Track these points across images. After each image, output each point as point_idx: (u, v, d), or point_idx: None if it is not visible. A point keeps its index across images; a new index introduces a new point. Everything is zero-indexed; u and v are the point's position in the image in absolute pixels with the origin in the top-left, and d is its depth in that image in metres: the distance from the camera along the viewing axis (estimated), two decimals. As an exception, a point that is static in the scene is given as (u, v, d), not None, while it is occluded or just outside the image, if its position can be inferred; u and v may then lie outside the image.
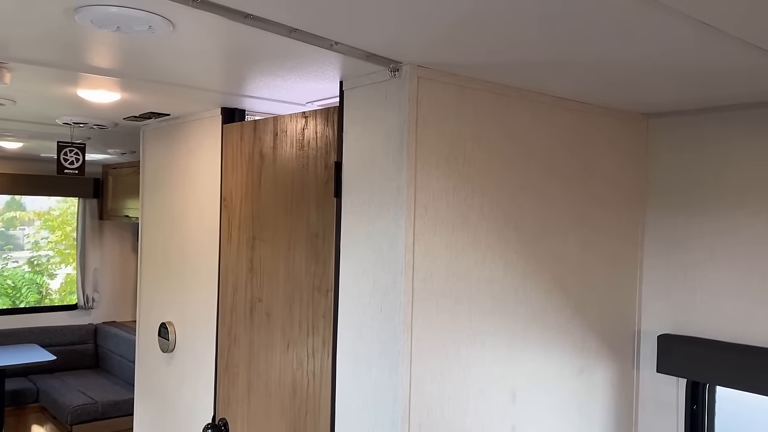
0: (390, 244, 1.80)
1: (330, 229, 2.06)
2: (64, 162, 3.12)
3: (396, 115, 1.78)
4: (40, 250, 8.20)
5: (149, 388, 3.15)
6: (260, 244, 2.39)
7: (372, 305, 1.86)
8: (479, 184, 1.93)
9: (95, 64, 1.98)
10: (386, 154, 1.82)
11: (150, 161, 3.19)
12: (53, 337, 5.58)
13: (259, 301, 2.38)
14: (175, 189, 2.94)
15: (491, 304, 1.99)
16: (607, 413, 2.41)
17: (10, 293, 7.62)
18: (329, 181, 2.06)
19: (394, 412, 1.78)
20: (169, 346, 2.88)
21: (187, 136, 2.84)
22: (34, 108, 2.77)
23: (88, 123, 3.07)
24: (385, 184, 1.82)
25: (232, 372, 2.50)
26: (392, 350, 1.79)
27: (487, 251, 1.96)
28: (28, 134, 3.65)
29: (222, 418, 2.54)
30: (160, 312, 3.02)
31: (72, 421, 4.60)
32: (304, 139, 2.18)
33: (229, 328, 2.53)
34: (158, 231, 3.10)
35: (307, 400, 2.14)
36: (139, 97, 2.50)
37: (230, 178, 2.55)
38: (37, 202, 8.03)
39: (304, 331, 2.17)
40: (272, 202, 2.33)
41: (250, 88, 2.25)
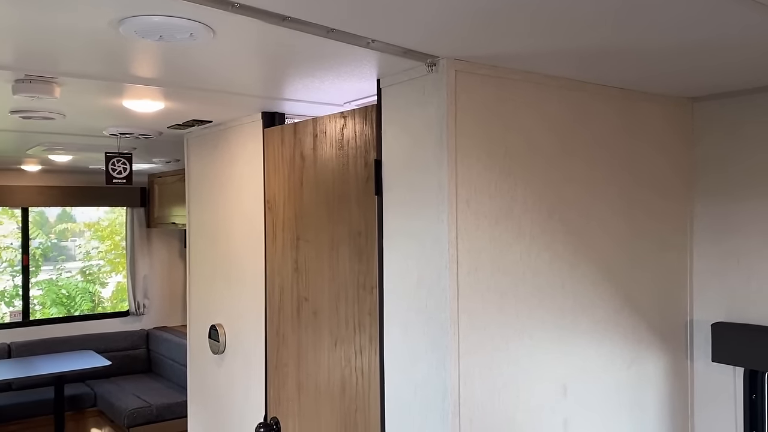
0: (433, 240, 1.81)
1: (372, 227, 2.07)
2: (113, 172, 3.21)
3: (434, 110, 1.79)
4: (92, 260, 8.45)
5: (202, 389, 3.22)
6: (304, 244, 2.42)
7: (417, 301, 1.87)
8: (521, 176, 1.92)
9: (139, 74, 2.04)
10: (426, 150, 1.82)
11: (195, 168, 3.26)
12: (107, 343, 5.76)
13: (306, 300, 2.41)
14: (220, 194, 3.00)
15: (538, 297, 1.97)
16: (661, 405, 2.36)
17: (65, 302, 7.87)
18: (369, 179, 2.07)
19: (444, 407, 1.78)
20: (219, 348, 2.94)
21: (230, 141, 2.90)
22: (82, 120, 2.86)
23: (134, 133, 3.15)
24: (425, 180, 1.83)
25: (281, 371, 2.54)
26: (439, 345, 1.79)
27: (531, 244, 1.95)
28: (77, 147, 3.77)
29: (273, 417, 2.58)
30: (209, 315, 3.09)
31: (129, 424, 4.73)
32: (344, 139, 2.19)
33: (277, 328, 2.57)
34: (205, 236, 3.16)
35: (357, 397, 2.16)
36: (182, 106, 2.56)
37: (273, 181, 2.58)
38: (87, 214, 8.27)
39: (350, 328, 2.19)
40: (314, 202, 2.36)
41: (288, 91, 2.28)
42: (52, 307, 7.72)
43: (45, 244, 8.04)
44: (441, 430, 1.78)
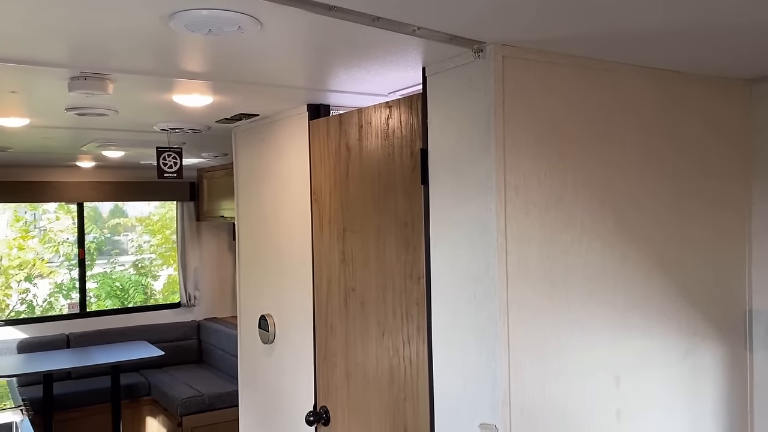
0: (481, 229, 1.79)
1: (419, 217, 2.06)
2: (164, 166, 3.29)
3: (481, 96, 1.76)
4: (143, 254, 8.70)
5: (252, 378, 3.27)
6: (351, 235, 2.43)
7: (465, 291, 1.86)
8: (571, 163, 1.88)
9: (189, 68, 2.08)
10: (473, 137, 1.80)
11: (242, 161, 3.31)
12: (160, 334, 5.91)
13: (353, 290, 2.42)
14: (268, 186, 3.03)
15: (589, 287, 1.94)
16: (719, 397, 2.29)
17: (119, 294, 8.12)
18: (416, 168, 2.06)
19: (494, 397, 1.76)
20: (269, 338, 2.99)
21: (276, 134, 2.93)
22: (133, 116, 2.94)
23: (183, 128, 3.22)
24: (473, 168, 1.81)
25: (330, 361, 2.57)
26: (489, 335, 1.78)
27: (582, 232, 1.91)
28: (128, 142, 3.88)
29: (323, 406, 2.61)
30: (259, 305, 3.14)
31: (182, 413, 4.86)
32: (389, 129, 2.19)
33: (325, 318, 2.59)
34: (254, 228, 3.21)
35: (405, 386, 2.16)
36: (229, 100, 2.60)
37: (319, 173, 2.60)
38: (138, 209, 8.51)
39: (398, 318, 2.19)
40: (360, 193, 2.37)
41: (334, 82, 2.29)
42: (106, 299, 7.98)
43: (99, 238, 8.31)
44: (491, 419, 1.77)
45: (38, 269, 7.67)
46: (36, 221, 7.97)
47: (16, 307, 7.50)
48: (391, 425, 2.23)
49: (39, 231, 7.88)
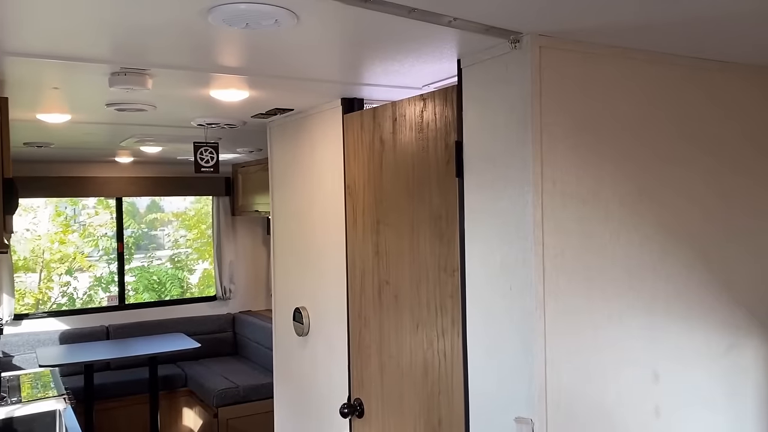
0: (517, 221, 1.77)
1: (453, 210, 2.06)
2: (201, 161, 3.34)
3: (518, 88, 1.75)
4: (179, 248, 8.86)
5: (287, 370, 3.31)
6: (385, 228, 2.43)
7: (501, 284, 1.84)
8: (610, 155, 1.85)
9: (226, 63, 2.10)
10: (509, 129, 1.79)
11: (277, 156, 3.34)
12: (196, 326, 6.01)
13: (387, 283, 2.42)
14: (302, 181, 3.06)
15: (628, 281, 1.91)
16: (761, 394, 2.23)
17: (156, 288, 8.29)
18: (450, 161, 2.05)
19: (531, 391, 1.75)
20: (303, 330, 3.01)
21: (311, 129, 2.95)
22: (171, 111, 2.99)
23: (220, 123, 3.26)
24: (509, 160, 1.79)
25: (364, 353, 2.58)
26: (525, 329, 1.76)
27: (621, 225, 1.88)
28: (166, 138, 3.94)
29: (357, 397, 2.62)
30: (293, 298, 3.17)
31: (217, 404, 4.94)
32: (423, 122, 2.19)
33: (359, 311, 2.60)
34: (288, 222, 3.24)
35: (440, 380, 2.16)
36: (265, 94, 2.63)
37: (353, 166, 2.61)
38: (174, 204, 8.67)
39: (432, 311, 2.19)
40: (394, 186, 2.37)
41: (368, 75, 2.30)
42: (144, 292, 8.16)
43: (136, 233, 8.50)
44: (527, 414, 1.76)
45: (78, 263, 7.87)
46: (76, 216, 8.18)
47: (57, 300, 7.71)
48: (425, 418, 2.23)
49: (79, 226, 8.09)
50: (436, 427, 2.18)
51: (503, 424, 1.84)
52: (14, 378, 3.49)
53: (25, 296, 7.40)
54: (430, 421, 2.21)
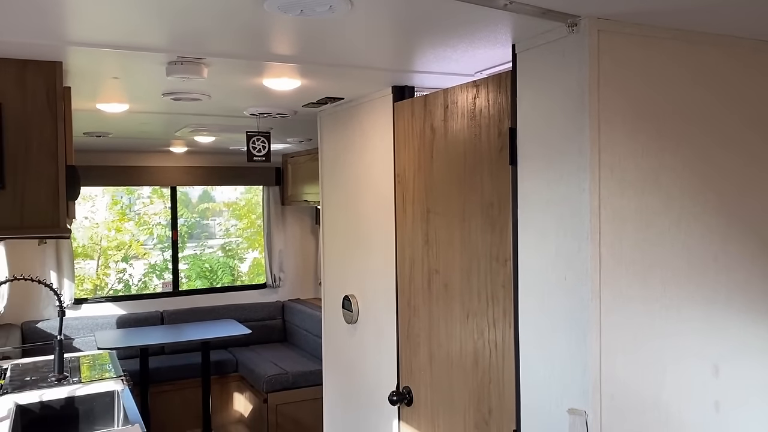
0: (573, 210, 1.74)
1: (505, 198, 2.03)
2: (253, 150, 3.39)
3: (575, 73, 1.71)
4: (230, 237, 9.04)
5: (336, 357, 3.34)
6: (434, 216, 2.42)
7: (555, 274, 1.81)
8: (671, 141, 1.79)
9: (279, 51, 2.12)
10: (565, 116, 1.75)
11: (327, 145, 3.36)
12: (246, 313, 6.13)
13: (436, 272, 2.41)
14: (352, 169, 3.07)
15: (687, 271, 1.85)
16: (831, 394, 2.13)
17: (208, 275, 8.48)
18: (503, 149, 2.03)
19: (584, 383, 1.72)
20: (352, 318, 3.03)
21: (361, 117, 2.95)
22: (225, 101, 3.04)
23: (272, 112, 3.30)
24: (565, 147, 1.75)
25: (413, 342, 2.58)
26: (579, 320, 1.73)
27: (681, 214, 1.82)
28: (219, 127, 4.02)
29: (406, 386, 2.63)
30: (342, 286, 3.19)
31: (267, 390, 5.03)
32: (476, 109, 2.16)
33: (408, 300, 2.60)
34: (338, 210, 3.26)
35: (490, 370, 2.14)
36: (316, 83, 2.64)
37: (403, 155, 2.60)
38: (225, 194, 8.84)
39: (483, 301, 2.17)
40: (445, 174, 2.35)
41: (420, 62, 2.28)
42: (197, 279, 8.36)
43: (189, 221, 8.71)
44: (580, 405, 1.73)
45: (134, 250, 8.12)
46: (132, 205, 8.43)
47: (114, 286, 7.98)
48: (475, 408, 2.22)
49: (134, 214, 8.33)
50: (486, 417, 2.17)
51: (555, 415, 1.81)
52: (75, 359, 3.63)
53: (84, 282, 7.67)
54: (480, 411, 2.20)
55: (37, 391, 2.95)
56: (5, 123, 1.98)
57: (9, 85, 2.00)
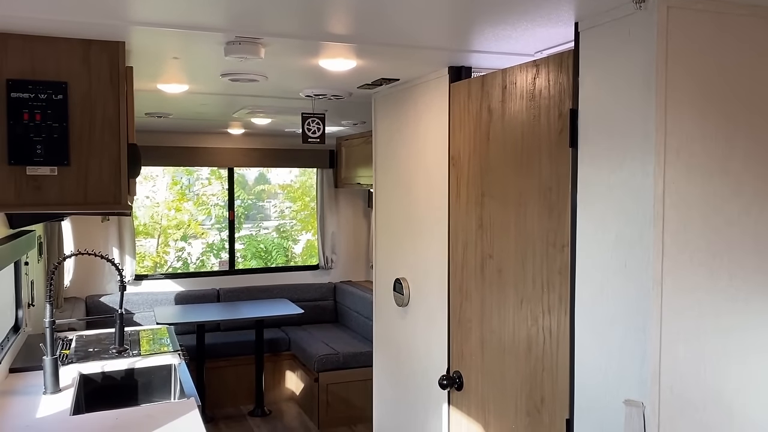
0: (635, 195, 1.67)
1: (564, 182, 1.97)
2: (308, 131, 3.40)
3: (641, 52, 1.63)
4: (285, 219, 9.18)
5: (386, 340, 3.35)
6: (489, 200, 2.37)
7: (614, 261, 1.75)
8: (743, 124, 1.70)
9: (336, 31, 2.11)
10: (630, 97, 1.68)
11: (381, 127, 3.34)
12: (299, 293, 6.22)
13: (490, 257, 2.38)
14: (405, 151, 3.04)
15: (756, 262, 1.75)
16: None
17: (263, 256, 8.65)
18: (563, 131, 1.96)
19: (642, 374, 1.66)
20: (403, 301, 3.03)
21: (416, 99, 2.92)
22: (281, 82, 3.05)
23: (327, 94, 3.30)
24: (629, 130, 1.69)
25: (464, 327, 2.55)
26: (639, 309, 1.67)
27: (752, 201, 1.72)
28: (275, 109, 4.05)
29: (456, 370, 2.61)
30: (394, 268, 3.18)
31: (318, 369, 5.10)
32: (535, 89, 2.10)
33: (460, 284, 2.57)
34: (391, 193, 3.25)
35: (543, 358, 2.10)
36: (372, 64, 2.62)
37: (458, 137, 2.56)
38: (280, 176, 8.97)
39: (538, 287, 2.12)
40: (501, 157, 2.30)
41: (477, 41, 2.23)
42: (252, 259, 8.53)
43: (245, 203, 8.89)
44: (638, 397, 1.67)
45: (192, 230, 8.34)
46: (191, 185, 8.65)
47: (173, 264, 8.22)
48: (527, 395, 2.18)
49: (193, 195, 8.55)
50: (538, 405, 2.13)
51: (611, 406, 1.76)
52: (135, 333, 3.76)
53: (145, 259, 7.93)
54: (532, 398, 2.16)
55: (99, 362, 3.07)
56: (71, 101, 2.04)
57: (75, 64, 2.05)
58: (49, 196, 2.03)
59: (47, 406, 2.49)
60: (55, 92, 2.01)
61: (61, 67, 2.04)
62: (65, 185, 2.05)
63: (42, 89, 1.99)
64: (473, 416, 2.51)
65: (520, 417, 2.22)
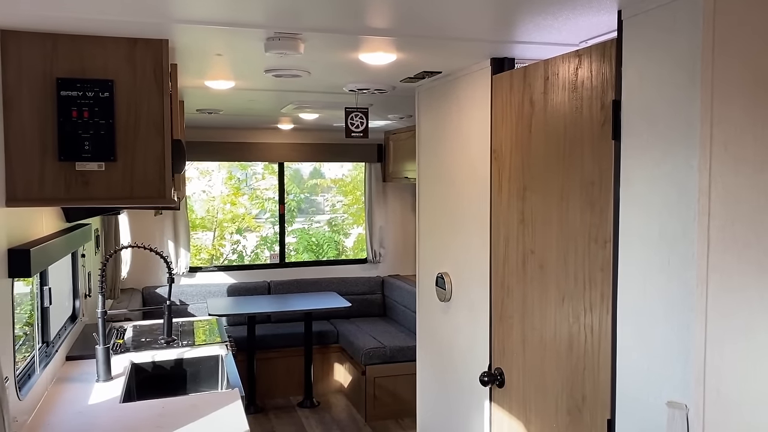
0: (679, 188, 1.60)
1: (607, 176, 1.91)
2: (351, 126, 3.42)
3: (687, 39, 1.56)
4: (336, 213, 9.27)
5: (429, 334, 3.33)
6: (531, 194, 2.33)
7: (658, 257, 1.69)
8: (798, 114, 1.60)
9: (375, 24, 2.10)
10: (675, 87, 1.61)
11: (424, 120, 3.32)
12: (348, 287, 6.27)
13: (532, 252, 2.33)
14: (448, 145, 3.01)
15: (813, 259, 1.65)
16: None
17: (315, 249, 8.75)
18: (606, 122, 1.90)
19: (686, 375, 1.59)
20: (445, 296, 3.01)
21: (458, 92, 2.88)
22: (324, 77, 3.07)
23: (370, 88, 3.30)
24: (673, 121, 1.62)
25: (506, 323, 2.51)
26: (683, 307, 1.60)
27: (808, 195, 1.62)
28: (321, 104, 4.08)
29: (498, 367, 2.57)
30: (436, 263, 3.16)
31: (365, 362, 5.12)
32: (578, 80, 2.04)
33: (502, 280, 2.53)
34: (433, 187, 3.23)
35: (585, 356, 2.04)
36: (413, 57, 2.60)
37: (500, 130, 2.52)
38: (333, 171, 9.05)
39: (579, 284, 2.07)
40: (543, 150, 2.25)
41: (519, 32, 2.18)
42: (303, 253, 8.65)
43: (298, 197, 9.01)
44: (681, 399, 1.61)
45: (247, 223, 8.51)
46: (246, 180, 8.82)
47: (228, 256, 8.41)
48: (568, 394, 2.13)
49: (248, 189, 8.72)
50: (579, 404, 2.08)
51: (653, 407, 1.70)
52: (186, 324, 3.87)
53: (201, 252, 8.14)
54: (573, 397, 2.11)
55: (150, 351, 3.17)
56: (117, 98, 2.10)
57: (120, 62, 2.11)
58: (96, 191, 2.10)
59: (99, 393, 2.59)
60: (102, 90, 2.07)
61: (108, 65, 2.10)
62: (112, 180, 2.11)
63: (89, 87, 2.06)
64: (515, 414, 2.47)
65: (561, 416, 2.17)
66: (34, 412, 2.35)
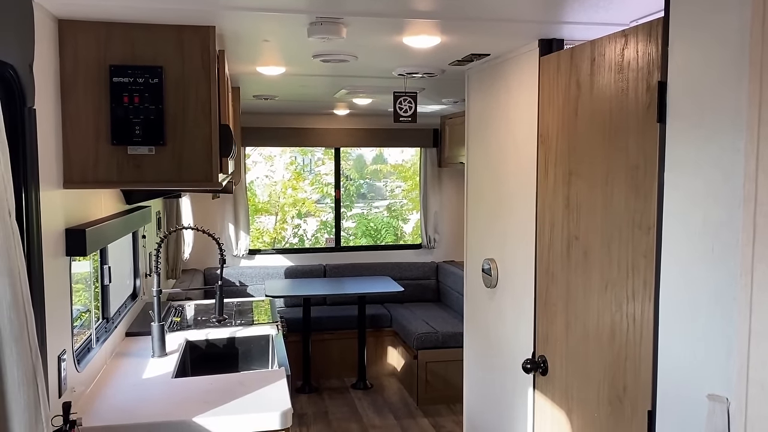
0: (725, 173, 1.53)
1: (652, 160, 1.84)
2: (399, 110, 3.41)
3: (736, 16, 1.48)
4: (395, 198, 9.30)
5: (475, 320, 3.32)
6: (576, 179, 2.27)
7: (702, 244, 1.62)
8: None
9: (419, 7, 2.09)
10: (722, 67, 1.53)
11: (473, 104, 3.28)
12: (402, 271, 6.29)
13: (576, 239, 2.28)
14: (496, 129, 2.97)
15: None
16: None
17: (373, 234, 8.83)
18: (651, 105, 1.83)
19: (729, 368, 1.53)
20: (491, 282, 2.98)
21: (506, 74, 2.83)
22: (372, 62, 3.08)
23: (418, 72, 3.28)
24: (719, 103, 1.54)
25: (550, 310, 2.47)
26: (727, 297, 1.54)
27: None
28: (372, 89, 4.09)
29: (541, 355, 2.54)
30: (483, 249, 3.13)
31: (418, 347, 5.15)
32: (624, 61, 1.97)
33: (546, 266, 2.49)
34: (481, 172, 3.19)
35: (627, 345, 1.99)
36: (459, 39, 2.57)
37: (547, 113, 2.46)
38: (394, 156, 9.07)
39: (623, 271, 2.01)
40: (588, 133, 2.19)
41: (568, 11, 2.13)
42: (362, 237, 8.74)
43: (356, 182, 9.10)
44: (723, 392, 1.54)
45: (307, 207, 8.66)
46: (306, 165, 8.97)
47: (289, 240, 8.59)
48: (610, 384, 2.08)
49: (309, 173, 8.86)
50: (620, 395, 2.03)
51: (694, 400, 1.64)
52: (241, 304, 3.99)
53: (263, 235, 8.34)
54: (614, 387, 2.06)
55: (204, 330, 3.29)
56: (166, 84, 2.18)
57: (169, 49, 2.18)
58: (147, 174, 2.19)
59: (153, 368, 2.72)
60: (152, 76, 2.15)
61: (158, 52, 2.18)
62: (161, 164, 2.20)
63: (140, 73, 2.14)
64: (557, 402, 2.44)
65: (602, 406, 2.13)
66: (93, 384, 2.49)
